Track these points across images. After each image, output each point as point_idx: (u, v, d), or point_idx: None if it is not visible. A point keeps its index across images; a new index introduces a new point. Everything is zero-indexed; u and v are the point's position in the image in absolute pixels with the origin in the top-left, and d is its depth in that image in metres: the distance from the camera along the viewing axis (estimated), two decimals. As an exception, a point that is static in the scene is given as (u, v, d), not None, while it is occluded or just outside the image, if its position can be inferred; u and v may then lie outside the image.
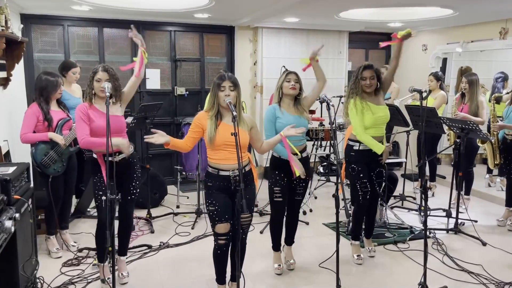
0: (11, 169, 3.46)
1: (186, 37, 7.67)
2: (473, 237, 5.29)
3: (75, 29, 6.93)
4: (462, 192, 5.86)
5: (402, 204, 6.54)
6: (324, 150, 7.95)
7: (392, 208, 6.13)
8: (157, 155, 7.51)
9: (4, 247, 2.95)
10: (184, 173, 6.38)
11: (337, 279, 3.57)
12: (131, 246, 4.86)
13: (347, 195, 5.40)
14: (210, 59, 7.88)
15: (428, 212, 5.87)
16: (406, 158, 6.44)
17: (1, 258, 3.13)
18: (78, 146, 4.81)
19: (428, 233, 5.22)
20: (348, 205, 5.45)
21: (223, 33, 7.90)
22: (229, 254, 3.74)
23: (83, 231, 5.41)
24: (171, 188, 7.11)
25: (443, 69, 8.26)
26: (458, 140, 5.37)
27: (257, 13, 6.63)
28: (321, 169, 8.35)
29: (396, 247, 5.07)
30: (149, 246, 5.01)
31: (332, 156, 7.98)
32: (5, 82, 5.29)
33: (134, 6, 6.32)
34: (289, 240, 4.59)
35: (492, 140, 5.70)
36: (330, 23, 7.77)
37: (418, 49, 8.55)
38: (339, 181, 3.52)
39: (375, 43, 9.12)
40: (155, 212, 6.06)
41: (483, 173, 7.41)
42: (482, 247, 5.11)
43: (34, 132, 4.50)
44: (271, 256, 4.59)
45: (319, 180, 7.80)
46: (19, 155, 5.43)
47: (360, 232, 4.83)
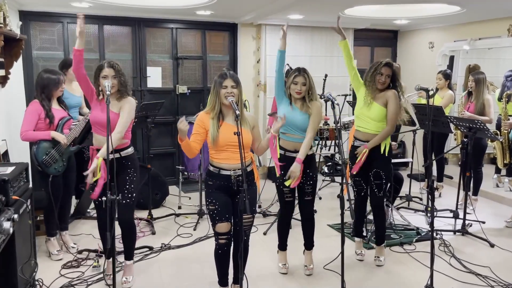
0: (10, 169, 3.46)
1: (188, 35, 7.66)
2: (481, 238, 5.28)
3: (75, 26, 6.77)
4: (469, 193, 5.85)
5: (409, 205, 6.52)
6: (329, 150, 7.94)
7: (398, 209, 6.10)
8: (158, 154, 7.51)
9: (3, 248, 2.95)
10: (186, 173, 6.37)
11: (342, 281, 3.57)
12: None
13: (352, 196, 5.38)
14: (212, 57, 7.87)
15: (435, 213, 5.84)
16: (413, 158, 6.41)
17: (-1, 260, 3.13)
18: (78, 145, 4.83)
19: (435, 234, 5.19)
20: (353, 205, 5.42)
21: (225, 31, 7.90)
22: (232, 256, 3.74)
23: (83, 233, 5.40)
24: (173, 189, 7.10)
25: (450, 67, 8.23)
26: (465, 140, 5.35)
27: (260, 10, 6.62)
28: (325, 169, 8.33)
29: (402, 248, 5.06)
30: (150, 248, 5.00)
31: (337, 156, 7.97)
32: (3, 80, 5.30)
33: (135, 3, 6.32)
34: (308, 244, 4.53)
35: (501, 139, 5.67)
36: (335, 20, 7.69)
37: (424, 46, 8.52)
38: (344, 181, 3.51)
39: (381, 41, 9.22)
40: (156, 213, 6.04)
41: (491, 173, 7.38)
42: (490, 248, 5.09)
43: (35, 130, 4.49)
44: (275, 258, 4.59)
45: (323, 180, 7.78)
46: (18, 154, 5.44)
47: (360, 229, 4.87)
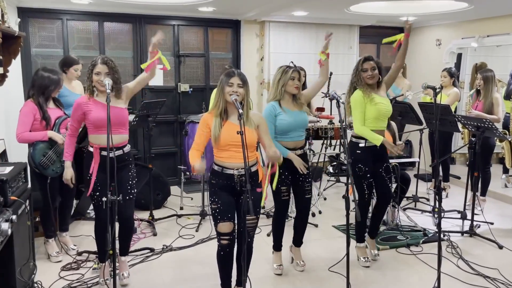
0: (8, 169, 3.46)
1: (190, 32, 7.65)
2: (489, 240, 5.26)
3: (74, 23, 6.92)
4: (477, 193, 5.83)
5: (415, 206, 6.51)
6: (334, 150, 7.92)
7: (404, 209, 6.09)
8: (160, 154, 7.50)
9: (1, 250, 2.95)
10: (188, 173, 6.34)
11: (348, 283, 3.57)
12: (133, 249, 4.85)
13: (357, 196, 5.37)
14: (215, 54, 7.86)
15: (442, 214, 5.82)
16: (419, 157, 6.40)
17: (-3, 262, 3.13)
18: (77, 144, 4.81)
19: (442, 235, 5.17)
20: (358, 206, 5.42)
21: (228, 27, 7.89)
22: (235, 258, 3.73)
23: (82, 234, 5.39)
24: (175, 189, 7.08)
25: (457, 65, 8.21)
26: (473, 139, 5.34)
27: (264, 6, 6.61)
28: (330, 169, 8.32)
29: (409, 250, 5.05)
30: (152, 249, 4.99)
31: (342, 155, 7.95)
32: (1, 78, 5.27)
33: (136, -1, 6.33)
34: (298, 241, 4.57)
35: (510, 138, 5.65)
36: (340, 17, 7.74)
37: (431, 44, 8.50)
38: (349, 181, 3.50)
39: (387, 38, 9.17)
40: (157, 214, 6.04)
41: (499, 173, 7.35)
42: (498, 250, 5.08)
43: (30, 131, 4.44)
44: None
45: (328, 180, 7.77)
46: (16, 154, 5.43)
47: (364, 232, 4.83)
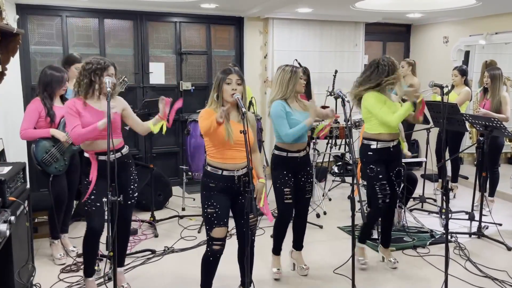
0: (6, 169, 3.46)
1: (192, 29, 7.65)
2: (498, 241, 5.25)
3: (74, 20, 6.92)
4: (485, 194, 5.81)
5: (422, 207, 6.50)
6: (339, 149, 7.91)
7: (411, 210, 6.08)
8: (161, 154, 7.51)
9: (-1, 251, 2.95)
10: (190, 173, 6.33)
11: (353, 286, 3.55)
12: (134, 251, 4.86)
13: (363, 197, 5.37)
14: (217, 52, 7.86)
15: (450, 215, 5.82)
16: (426, 157, 6.38)
17: (-5, 264, 3.13)
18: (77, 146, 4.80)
19: (449, 237, 5.16)
20: (364, 207, 5.40)
21: (231, 25, 7.88)
22: (238, 260, 3.76)
23: (82, 235, 5.34)
24: (176, 189, 7.08)
25: (465, 63, 8.17)
26: (481, 138, 5.32)
27: (267, 3, 6.60)
28: (335, 169, 8.31)
29: (415, 252, 5.04)
30: (153, 251, 4.98)
31: (347, 155, 7.93)
32: (-1, 76, 5.30)
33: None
34: (299, 244, 4.54)
35: (519, 138, 5.64)
36: (346, 14, 7.72)
37: (439, 41, 8.47)
38: (355, 181, 3.49)
39: (393, 35, 9.18)
40: (159, 215, 6.03)
41: (508, 173, 7.32)
42: (507, 252, 5.07)
43: (35, 128, 4.48)
44: (284, 261, 4.58)
45: (333, 180, 7.76)
46: (15, 154, 5.43)
47: (369, 236, 4.79)
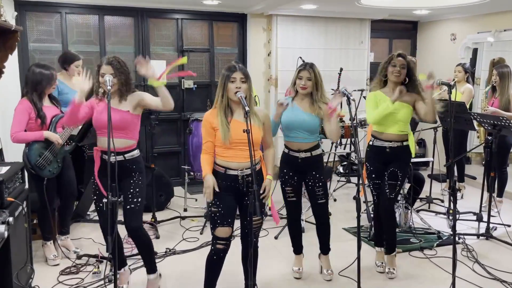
0: (4, 169, 3.46)
1: (194, 26, 7.63)
2: (506, 243, 5.24)
3: (73, 17, 6.90)
4: (494, 194, 5.79)
5: (429, 207, 6.48)
6: (344, 149, 7.89)
7: (418, 211, 6.05)
8: (163, 154, 7.51)
9: (-4, 253, 2.94)
10: (192, 173, 6.32)
11: (358, 288, 3.54)
12: (134, 252, 4.84)
13: (369, 197, 5.34)
14: (220, 49, 7.84)
15: (457, 216, 5.79)
16: (433, 157, 6.36)
17: (-7, 265, 3.13)
18: (74, 144, 4.79)
19: (457, 238, 5.15)
20: (370, 208, 5.38)
21: (234, 21, 7.87)
22: (242, 262, 3.77)
23: (82, 237, 5.37)
24: (178, 190, 7.09)
25: (473, 60, 8.15)
26: (489, 138, 5.29)
27: (271, -1, 6.58)
28: (340, 169, 8.30)
29: (422, 253, 5.03)
30: (154, 253, 4.96)
31: (352, 155, 7.92)
32: (-3, 74, 5.29)
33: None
34: (324, 248, 4.52)
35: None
36: (351, 11, 7.70)
37: (446, 38, 8.44)
38: (360, 182, 3.48)
39: (400, 32, 9.16)
40: (160, 215, 6.03)
41: (516, 173, 7.31)
42: (516, 254, 5.06)
43: (25, 130, 4.41)
44: (287, 263, 4.59)
45: (338, 181, 7.75)
46: (13, 153, 5.41)
47: (382, 237, 4.77)
